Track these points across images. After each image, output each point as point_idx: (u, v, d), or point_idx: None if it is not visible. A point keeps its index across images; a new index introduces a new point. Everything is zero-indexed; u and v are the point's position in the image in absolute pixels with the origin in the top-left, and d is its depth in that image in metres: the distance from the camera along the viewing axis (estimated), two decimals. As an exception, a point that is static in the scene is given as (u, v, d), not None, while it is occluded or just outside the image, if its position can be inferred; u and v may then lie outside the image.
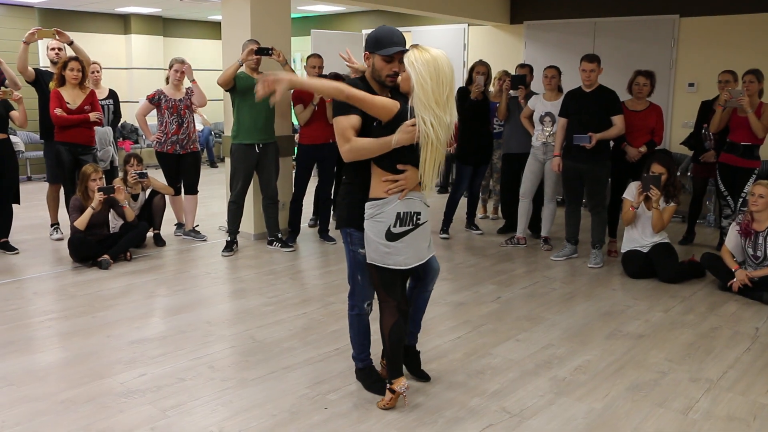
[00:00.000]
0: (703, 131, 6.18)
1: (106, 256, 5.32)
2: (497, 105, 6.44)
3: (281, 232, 6.06)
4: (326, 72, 5.99)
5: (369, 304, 3.21)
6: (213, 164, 11.50)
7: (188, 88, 6.10)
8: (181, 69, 5.96)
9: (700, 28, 7.53)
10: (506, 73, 6.53)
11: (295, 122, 6.51)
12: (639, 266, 5.22)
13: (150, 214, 6.04)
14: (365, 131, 2.91)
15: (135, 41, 11.12)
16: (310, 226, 6.88)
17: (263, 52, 5.46)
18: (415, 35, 9.66)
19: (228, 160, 6.04)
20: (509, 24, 8.97)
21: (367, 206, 2.95)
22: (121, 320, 4.20)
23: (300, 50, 10.33)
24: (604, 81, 5.51)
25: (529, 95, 6.22)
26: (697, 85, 7.58)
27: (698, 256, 5.35)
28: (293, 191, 6.11)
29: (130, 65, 11.20)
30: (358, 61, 3.26)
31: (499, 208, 7.27)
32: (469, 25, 9.35)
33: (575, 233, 5.77)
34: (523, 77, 6.32)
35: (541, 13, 8.67)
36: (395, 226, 2.88)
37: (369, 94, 2.81)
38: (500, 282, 5.13)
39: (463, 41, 9.46)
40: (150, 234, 6.10)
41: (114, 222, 5.60)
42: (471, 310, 4.48)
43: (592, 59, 5.37)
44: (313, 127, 5.97)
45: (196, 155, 6.24)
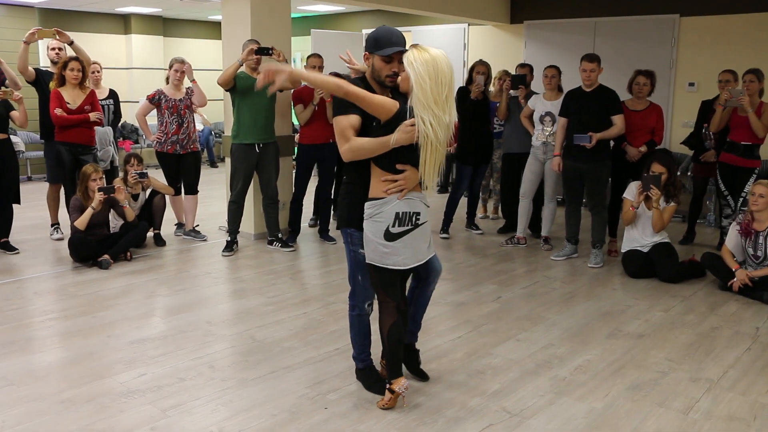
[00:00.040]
0: (704, 131, 6.18)
1: (107, 256, 5.32)
2: (497, 105, 6.43)
3: (281, 232, 6.06)
4: (326, 72, 5.99)
5: (370, 305, 3.21)
6: (213, 164, 11.50)
7: (188, 88, 6.10)
8: (181, 69, 5.96)
9: (701, 28, 7.53)
10: (506, 73, 6.53)
11: (296, 122, 6.51)
12: (639, 266, 5.22)
13: (150, 214, 6.04)
14: (365, 131, 2.91)
15: (135, 41, 11.12)
16: (311, 226, 6.88)
17: (263, 52, 5.46)
18: (416, 35, 9.66)
19: (228, 160, 6.05)
20: (509, 24, 8.97)
21: (367, 206, 2.95)
22: (122, 320, 4.20)
23: (300, 50, 10.33)
24: (605, 81, 5.51)
25: (530, 95, 6.22)
26: (698, 85, 7.58)
27: (698, 256, 5.35)
28: (293, 191, 6.12)
29: (131, 65, 11.20)
30: (359, 62, 3.26)
31: (500, 208, 7.27)
32: (470, 25, 9.35)
33: (575, 233, 5.77)
34: (524, 77, 6.32)
35: (542, 13, 8.67)
36: (394, 226, 2.88)
37: (368, 93, 2.81)
38: (500, 282, 5.13)
39: (464, 41, 9.46)
40: (150, 234, 6.11)
41: (114, 222, 5.60)
42: (471, 310, 4.48)
43: (592, 59, 5.36)
44: (314, 127, 5.97)
45: (197, 155, 6.24)
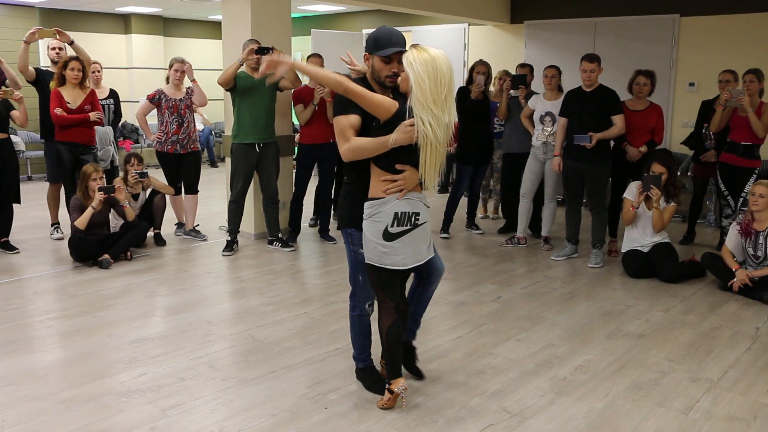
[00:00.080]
0: (704, 131, 6.18)
1: (107, 256, 5.32)
2: (498, 105, 6.44)
3: (282, 232, 6.06)
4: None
5: (370, 305, 3.20)
6: (213, 164, 11.50)
7: (188, 88, 6.10)
8: (182, 69, 5.96)
9: (701, 28, 7.53)
10: (507, 73, 6.52)
11: (296, 122, 6.51)
12: (639, 266, 5.22)
13: (150, 214, 6.04)
14: (365, 131, 2.91)
15: (135, 41, 11.12)
16: (311, 226, 6.88)
17: (264, 52, 5.45)
18: (416, 35, 9.66)
19: (228, 160, 6.05)
20: (510, 24, 8.97)
21: (366, 206, 2.95)
22: (122, 320, 4.20)
23: (300, 50, 10.34)
24: (605, 81, 5.51)
25: (530, 95, 6.22)
26: (698, 85, 7.58)
27: (698, 256, 5.35)
28: (293, 191, 6.11)
29: (131, 65, 11.20)
30: (360, 63, 3.26)
31: (500, 208, 7.27)
32: (470, 25, 9.34)
33: (575, 233, 5.77)
34: (524, 77, 6.32)
35: (542, 13, 8.66)
36: (392, 226, 2.88)
37: (368, 91, 2.81)
38: (500, 282, 5.13)
39: (464, 41, 9.46)
40: (150, 234, 6.11)
41: (114, 221, 5.60)
42: (471, 310, 4.48)
43: (593, 59, 5.36)
44: (314, 127, 5.97)
45: (197, 155, 6.24)
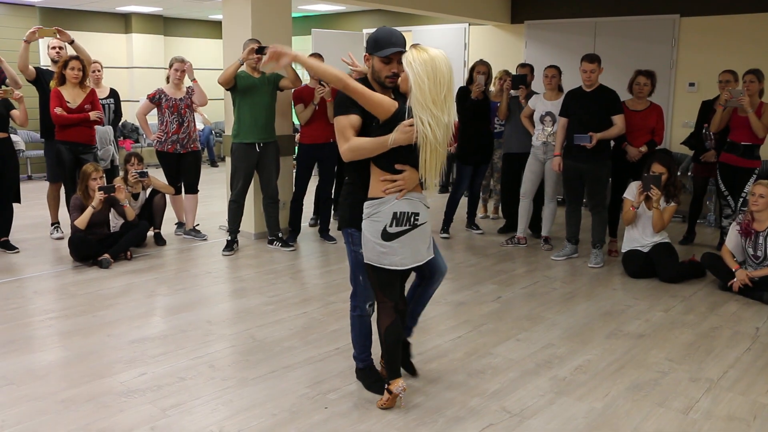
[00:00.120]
0: (704, 131, 6.18)
1: (107, 255, 5.32)
2: (498, 105, 6.43)
3: (282, 232, 6.06)
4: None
5: (371, 305, 3.20)
6: (213, 163, 11.50)
7: (189, 87, 6.10)
8: (182, 68, 5.96)
9: (701, 28, 7.53)
10: (507, 73, 6.52)
11: (296, 121, 6.51)
12: (639, 266, 5.22)
13: (150, 214, 6.04)
14: (366, 131, 2.91)
15: (136, 40, 11.12)
16: (311, 226, 6.88)
17: (264, 51, 5.46)
18: (416, 35, 9.66)
19: (228, 160, 6.05)
20: (510, 23, 8.96)
21: (365, 206, 2.95)
22: (122, 319, 4.20)
23: (301, 50, 10.28)
24: (605, 81, 5.51)
25: (530, 95, 6.22)
26: (698, 85, 7.58)
27: (698, 256, 5.35)
28: (294, 191, 6.11)
29: (131, 64, 11.19)
30: (361, 64, 3.26)
31: (500, 208, 7.27)
32: (470, 25, 9.34)
33: (576, 233, 5.77)
34: (524, 77, 6.32)
35: (542, 13, 8.66)
36: (391, 226, 2.87)
37: (368, 89, 2.81)
38: (501, 282, 5.13)
39: (464, 41, 9.46)
40: (150, 233, 6.10)
41: (114, 221, 5.60)
42: (471, 310, 4.48)
43: (593, 59, 5.36)
44: (314, 127, 5.97)
45: (197, 154, 6.24)
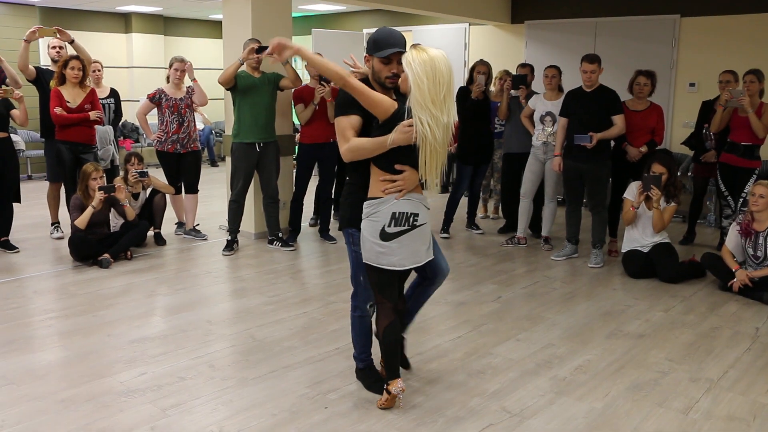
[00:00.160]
0: (704, 131, 6.18)
1: (107, 255, 5.32)
2: (498, 105, 6.43)
3: (282, 232, 6.06)
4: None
5: (371, 306, 3.20)
6: (214, 163, 11.50)
7: (189, 87, 6.10)
8: (182, 68, 5.96)
9: (701, 28, 7.53)
10: (507, 73, 6.52)
11: (296, 121, 6.51)
12: (639, 266, 5.22)
13: (150, 213, 6.04)
14: (367, 131, 2.92)
15: (136, 40, 11.12)
16: (311, 226, 6.88)
17: (264, 51, 5.46)
18: (416, 35, 9.66)
19: (228, 159, 6.05)
20: (510, 23, 8.96)
21: (365, 205, 2.95)
22: (122, 319, 4.20)
23: (301, 49, 10.32)
24: (605, 81, 5.51)
25: (530, 95, 6.22)
26: (698, 85, 7.58)
27: (699, 256, 5.34)
28: (294, 190, 6.11)
29: (131, 64, 11.19)
30: (362, 66, 3.26)
31: (500, 208, 7.27)
32: (470, 25, 9.34)
33: (576, 233, 5.77)
34: (524, 77, 6.32)
35: (542, 13, 8.66)
36: (390, 226, 2.87)
37: (368, 88, 2.81)
38: (501, 282, 5.13)
39: (464, 41, 9.46)
40: (150, 233, 6.10)
41: (114, 221, 5.60)
42: (471, 310, 4.48)
43: (593, 60, 5.35)
44: (314, 127, 5.97)
45: (197, 154, 6.24)
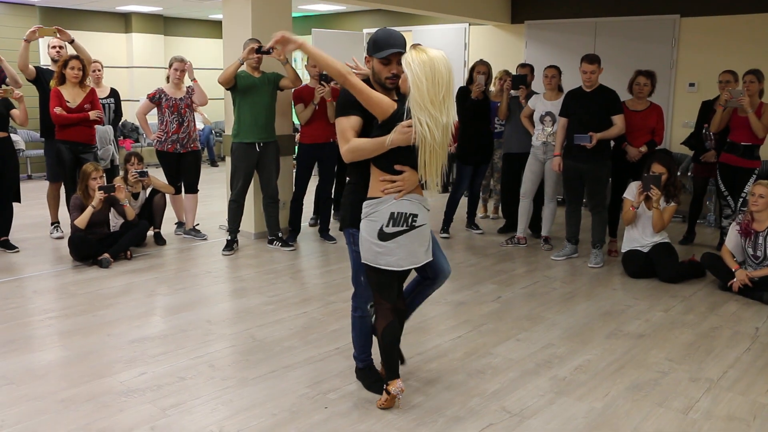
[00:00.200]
0: (704, 131, 6.18)
1: (107, 255, 5.32)
2: (498, 105, 6.44)
3: (282, 231, 6.06)
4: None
5: (372, 306, 3.20)
6: (213, 163, 11.50)
7: (189, 87, 6.10)
8: (181, 68, 5.96)
9: (701, 28, 7.53)
10: (507, 73, 6.52)
11: (296, 121, 6.51)
12: (639, 266, 5.22)
13: (150, 213, 6.04)
14: (367, 132, 2.92)
15: (136, 40, 11.12)
16: (311, 225, 6.88)
17: (264, 51, 5.46)
18: (416, 35, 9.66)
19: (228, 159, 6.05)
20: (510, 23, 8.96)
21: (364, 205, 2.95)
22: (122, 319, 4.20)
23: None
24: (605, 81, 5.51)
25: (530, 95, 6.22)
26: (698, 85, 7.58)
27: (698, 256, 5.35)
28: (294, 190, 6.11)
29: (131, 64, 11.19)
30: (364, 68, 3.26)
31: (500, 208, 7.27)
32: (470, 25, 9.34)
33: (575, 233, 5.77)
34: (524, 77, 6.32)
35: (542, 13, 8.66)
36: (387, 226, 2.87)
37: (368, 87, 2.82)
38: (500, 281, 5.13)
39: (464, 41, 9.45)
40: (150, 233, 6.10)
41: (114, 221, 5.60)
42: (471, 310, 4.48)
43: (592, 60, 5.35)
44: (314, 127, 5.97)
45: (197, 154, 6.24)
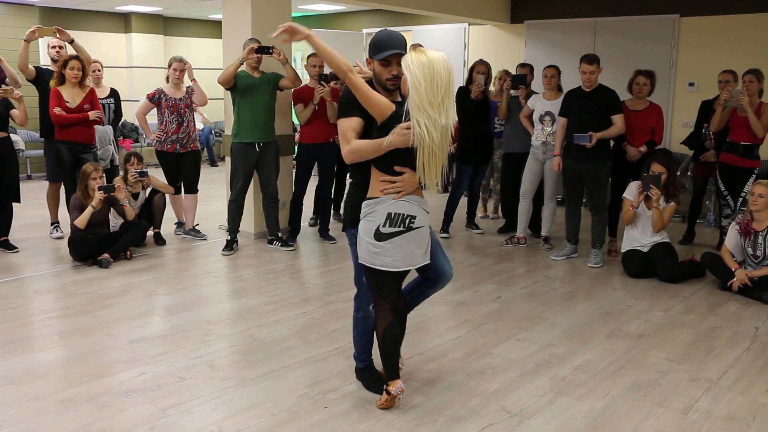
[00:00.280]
0: (704, 131, 6.18)
1: (106, 255, 5.32)
2: (498, 104, 6.44)
3: (281, 231, 6.06)
4: (327, 71, 6.00)
5: (374, 307, 3.20)
6: (213, 163, 11.50)
7: (188, 87, 6.10)
8: (181, 68, 5.95)
9: (700, 28, 7.53)
10: (507, 73, 6.52)
11: (296, 121, 6.51)
12: (639, 266, 5.22)
13: (150, 213, 6.04)
14: (368, 133, 2.92)
15: (135, 40, 11.12)
16: (311, 225, 6.88)
17: (264, 51, 5.47)
18: (416, 35, 9.66)
19: (228, 159, 6.05)
20: (510, 23, 8.96)
21: (363, 205, 2.95)
22: (121, 319, 4.20)
23: (300, 49, 10.32)
24: (605, 80, 5.51)
25: (530, 95, 6.22)
26: (698, 85, 7.58)
27: (698, 256, 5.35)
28: (293, 190, 6.11)
29: (131, 64, 11.19)
30: (368, 70, 3.26)
31: (500, 208, 7.27)
32: (470, 25, 9.34)
33: (575, 233, 5.77)
34: (524, 77, 6.32)
35: (542, 13, 8.66)
36: (384, 226, 2.87)
37: (368, 87, 2.82)
38: (500, 281, 5.13)
39: (464, 41, 9.45)
40: (150, 233, 6.10)
41: (114, 221, 5.60)
42: (471, 310, 4.48)
43: (592, 61, 5.34)
44: (314, 126, 5.97)
45: (196, 154, 6.24)
